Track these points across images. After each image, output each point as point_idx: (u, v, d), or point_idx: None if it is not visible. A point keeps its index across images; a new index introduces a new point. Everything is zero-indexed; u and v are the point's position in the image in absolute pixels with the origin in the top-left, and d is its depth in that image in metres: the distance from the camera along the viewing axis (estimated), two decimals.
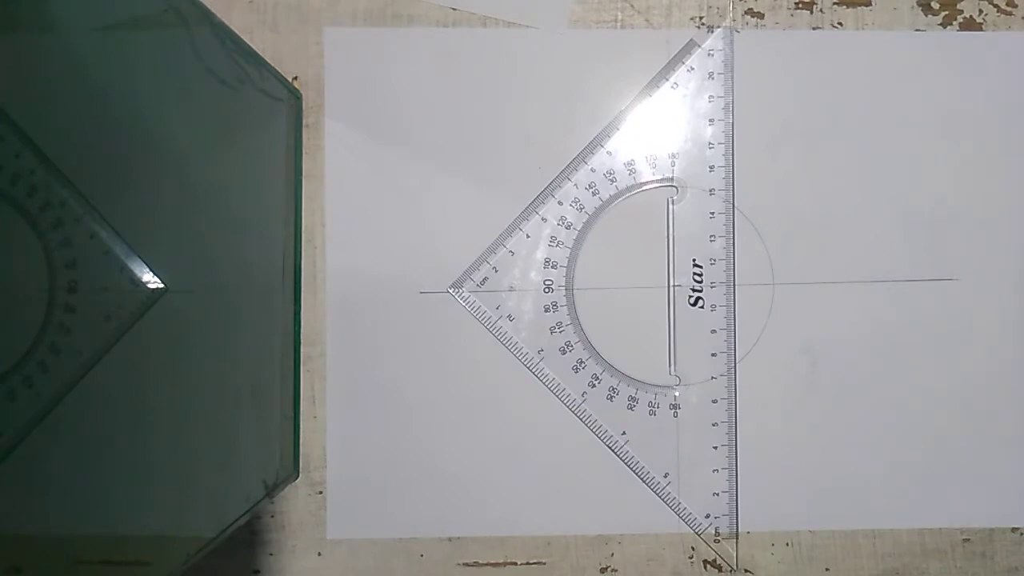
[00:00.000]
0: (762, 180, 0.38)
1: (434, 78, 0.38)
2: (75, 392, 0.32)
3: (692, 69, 0.38)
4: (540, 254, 0.38)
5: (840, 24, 0.39)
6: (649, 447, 0.37)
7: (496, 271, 0.38)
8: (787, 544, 0.38)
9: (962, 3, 0.39)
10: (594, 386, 0.38)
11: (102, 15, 0.32)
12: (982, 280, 0.38)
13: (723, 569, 0.38)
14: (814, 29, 0.39)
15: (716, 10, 0.38)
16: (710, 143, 0.38)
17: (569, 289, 0.38)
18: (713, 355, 0.38)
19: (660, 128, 0.38)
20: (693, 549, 0.38)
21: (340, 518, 0.37)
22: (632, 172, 0.38)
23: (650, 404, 0.38)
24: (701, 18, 0.38)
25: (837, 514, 0.38)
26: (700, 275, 0.38)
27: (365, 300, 0.38)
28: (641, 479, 0.37)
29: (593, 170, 0.38)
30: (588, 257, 0.38)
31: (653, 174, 0.38)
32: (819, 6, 0.39)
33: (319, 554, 0.38)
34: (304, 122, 0.38)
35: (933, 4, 0.39)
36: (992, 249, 0.38)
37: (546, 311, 0.38)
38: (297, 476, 0.37)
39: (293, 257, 0.37)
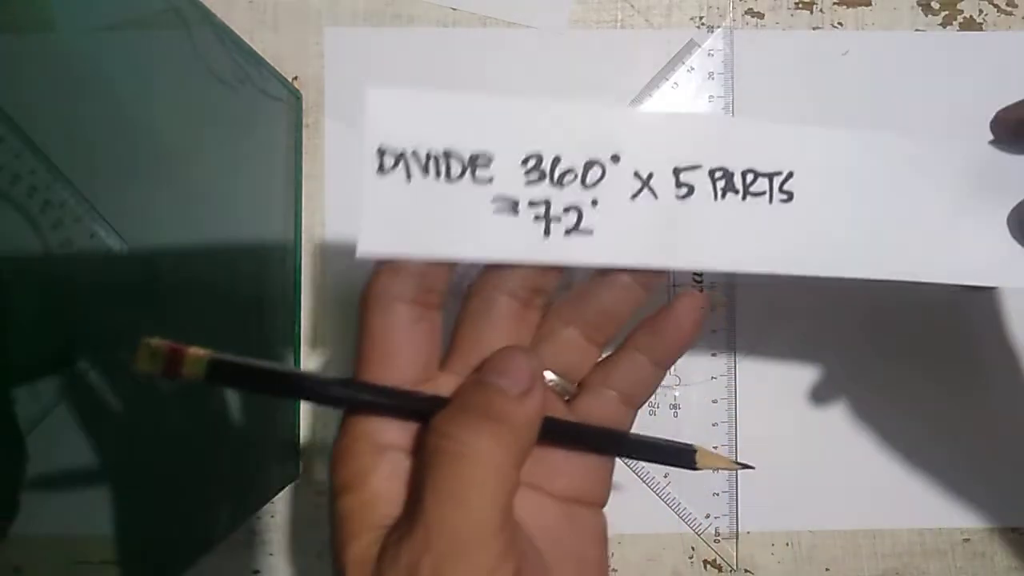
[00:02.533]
0: None
1: (434, 78, 0.38)
2: (75, 392, 0.32)
3: (692, 69, 0.38)
4: None
5: (840, 24, 0.39)
6: None
7: None
8: (787, 544, 0.38)
9: (962, 3, 0.39)
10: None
11: (102, 15, 0.32)
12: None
13: (723, 569, 0.38)
14: (814, 29, 0.38)
15: (716, 10, 0.38)
16: None
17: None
18: (713, 355, 0.38)
19: None
20: (693, 549, 0.38)
21: None
22: None
23: (650, 404, 0.38)
24: (701, 18, 0.38)
25: (837, 514, 0.38)
26: (700, 275, 0.38)
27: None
28: (641, 479, 0.37)
29: None
30: None
31: None
32: (819, 6, 0.39)
33: (319, 554, 0.38)
34: (304, 122, 0.38)
35: (933, 4, 0.39)
36: None
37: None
38: (297, 476, 0.37)
39: (293, 257, 0.37)
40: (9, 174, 0.30)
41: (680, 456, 0.25)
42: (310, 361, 0.38)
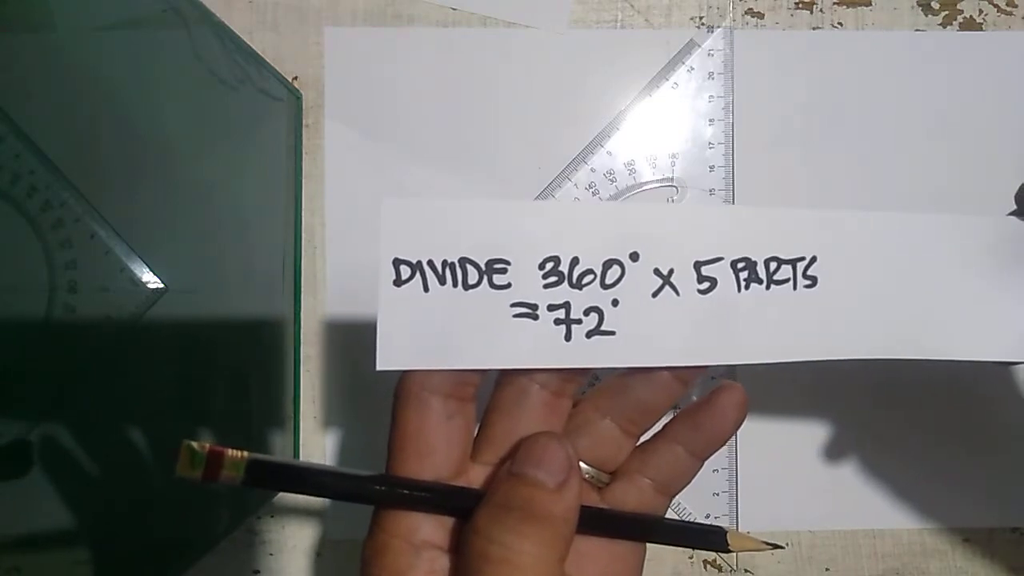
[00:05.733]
0: (762, 180, 0.38)
1: (434, 78, 0.38)
2: (75, 392, 0.32)
3: (692, 69, 0.38)
4: None
5: (840, 24, 0.39)
6: None
7: None
8: (787, 544, 0.38)
9: (962, 3, 0.39)
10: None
11: (102, 15, 0.32)
12: None
13: (723, 569, 0.38)
14: (814, 29, 0.38)
15: (716, 10, 0.38)
16: (710, 143, 0.38)
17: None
18: None
19: (660, 128, 0.38)
20: (693, 549, 0.38)
21: (340, 516, 0.37)
22: (632, 172, 0.38)
23: None
24: (701, 18, 0.38)
25: (837, 514, 0.38)
26: None
27: (365, 300, 0.38)
28: None
29: (593, 170, 0.38)
30: None
31: (653, 174, 0.38)
32: (819, 6, 0.39)
33: (319, 554, 0.38)
34: (304, 122, 0.38)
35: (933, 4, 0.39)
36: None
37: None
38: None
39: (293, 257, 0.37)
40: (9, 174, 0.30)
41: (711, 540, 0.25)
42: (310, 361, 0.38)
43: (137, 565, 0.34)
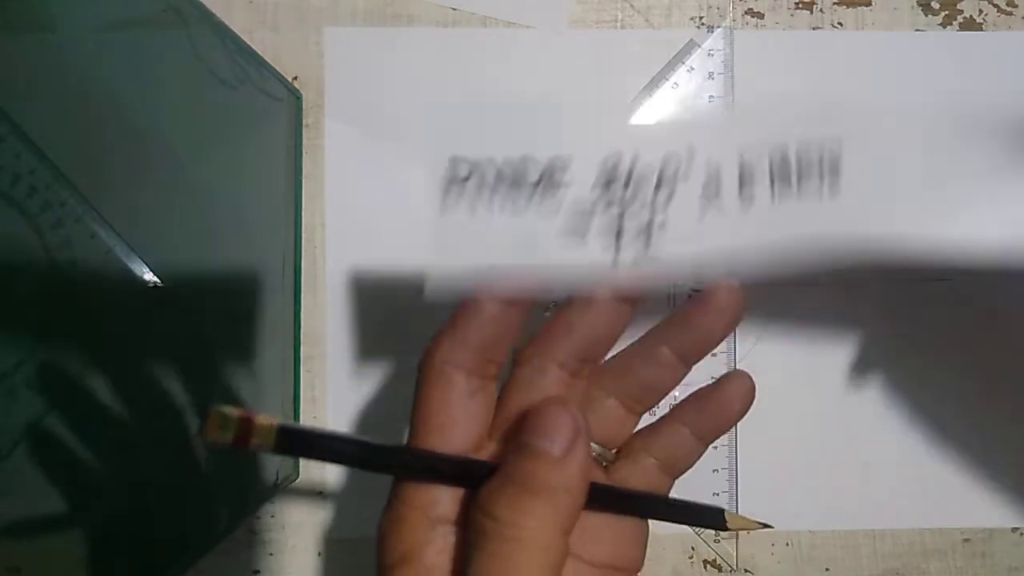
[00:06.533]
0: None
1: (434, 78, 0.38)
2: (75, 392, 0.32)
3: (692, 69, 0.38)
4: None
5: (840, 24, 0.39)
6: None
7: None
8: (787, 544, 0.38)
9: (962, 3, 0.39)
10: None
11: (102, 15, 0.32)
12: (980, 279, 0.38)
13: (723, 569, 0.38)
14: (814, 29, 0.39)
15: (716, 10, 0.38)
16: None
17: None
18: (713, 355, 0.38)
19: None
20: (693, 549, 0.38)
21: (340, 518, 0.37)
22: None
23: None
24: (701, 18, 0.38)
25: (837, 514, 0.38)
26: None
27: (365, 300, 0.38)
28: None
29: None
30: None
31: None
32: (819, 6, 0.39)
33: (319, 554, 0.38)
34: (304, 122, 0.38)
35: (933, 4, 0.39)
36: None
37: (546, 311, 0.38)
38: (297, 476, 0.37)
39: (293, 257, 0.37)
40: (9, 174, 0.30)
41: (711, 518, 0.26)
42: (310, 361, 0.38)
43: (137, 565, 0.34)
